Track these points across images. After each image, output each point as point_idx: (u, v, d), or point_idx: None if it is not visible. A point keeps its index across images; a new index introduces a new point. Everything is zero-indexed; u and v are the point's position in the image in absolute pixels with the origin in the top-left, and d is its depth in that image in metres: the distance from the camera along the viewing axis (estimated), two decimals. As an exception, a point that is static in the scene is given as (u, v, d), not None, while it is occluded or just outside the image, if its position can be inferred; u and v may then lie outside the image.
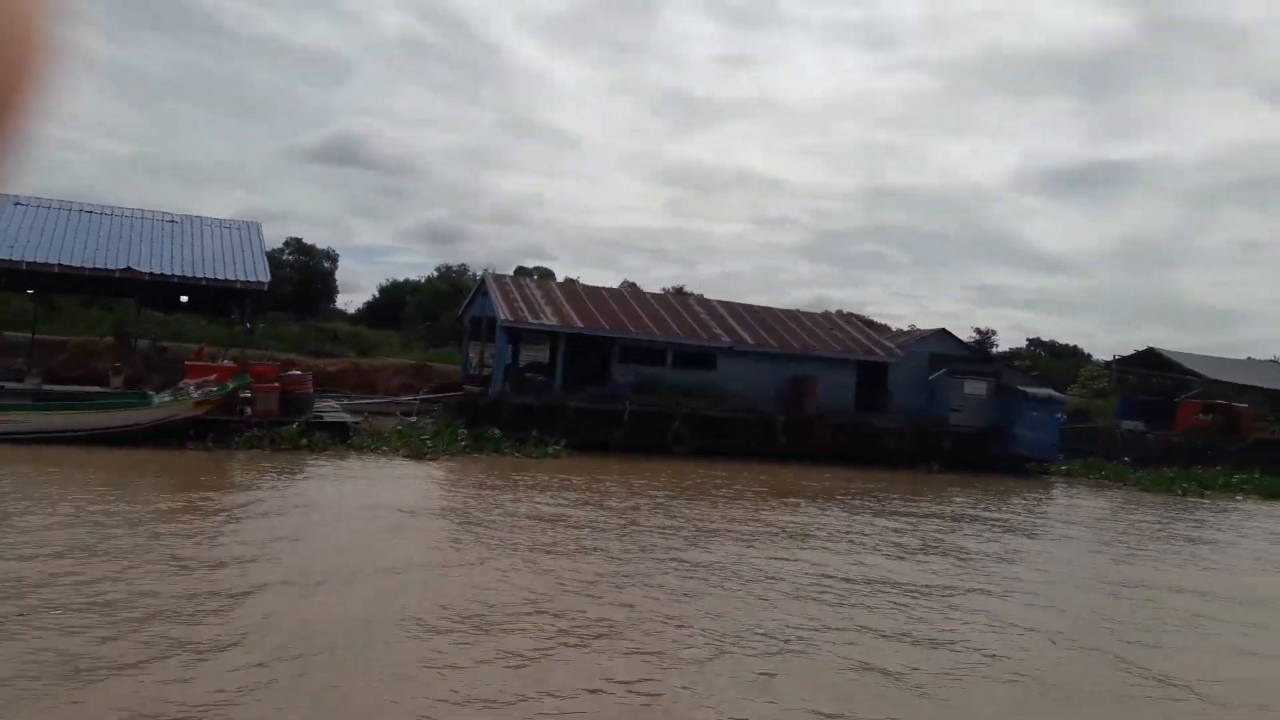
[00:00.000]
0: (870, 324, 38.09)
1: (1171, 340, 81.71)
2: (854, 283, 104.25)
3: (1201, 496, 24.12)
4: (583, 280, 37.35)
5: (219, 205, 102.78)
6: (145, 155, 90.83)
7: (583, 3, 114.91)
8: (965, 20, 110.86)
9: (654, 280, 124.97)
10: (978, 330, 66.55)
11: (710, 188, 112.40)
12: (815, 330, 26.65)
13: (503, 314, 22.50)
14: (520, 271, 46.10)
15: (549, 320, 22.83)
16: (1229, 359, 36.24)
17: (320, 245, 53.84)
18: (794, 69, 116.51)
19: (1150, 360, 34.68)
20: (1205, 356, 34.83)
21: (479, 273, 36.81)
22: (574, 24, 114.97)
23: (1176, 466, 29.44)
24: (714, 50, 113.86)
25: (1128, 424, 32.63)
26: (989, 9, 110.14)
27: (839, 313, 31.38)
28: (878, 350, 26.17)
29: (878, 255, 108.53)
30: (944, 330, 28.34)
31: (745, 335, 24.90)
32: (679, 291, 26.17)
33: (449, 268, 54.62)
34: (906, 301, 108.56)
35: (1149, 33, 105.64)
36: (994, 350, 56.83)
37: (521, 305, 23.02)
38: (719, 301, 27.20)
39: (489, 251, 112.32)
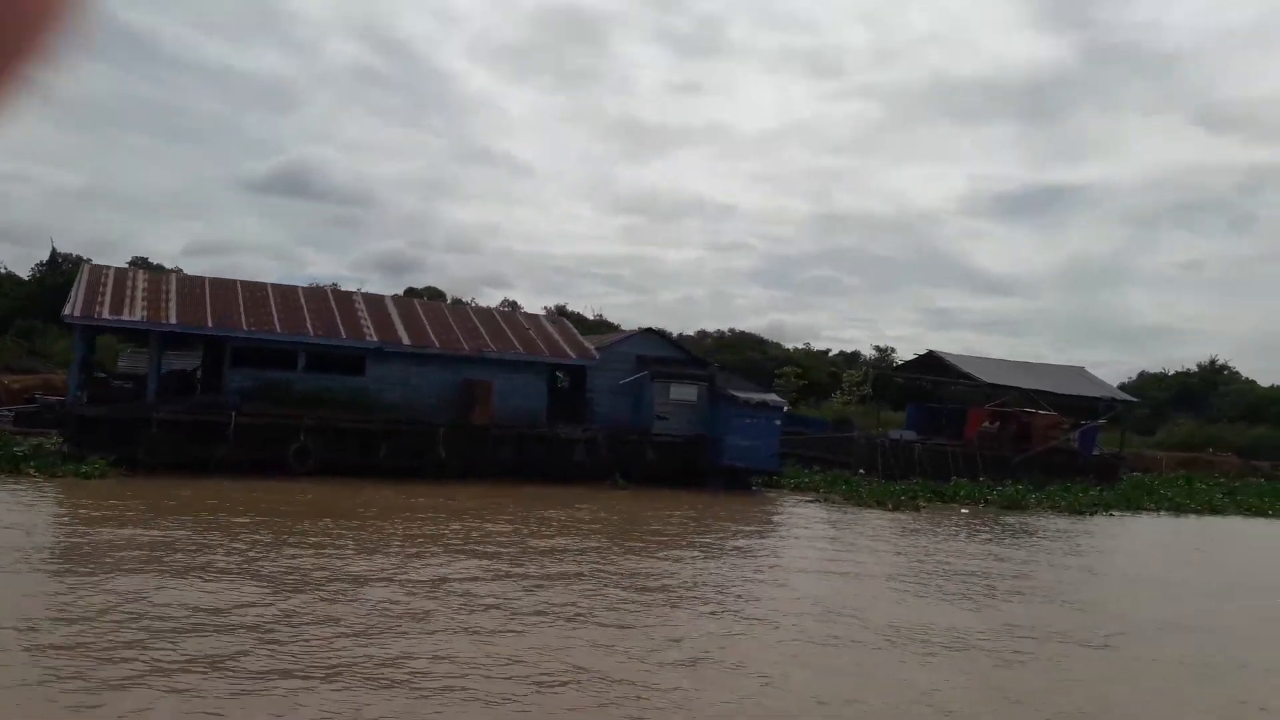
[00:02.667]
0: (586, 324, 35.70)
1: (1116, 360, 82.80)
2: (807, 307, 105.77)
3: (917, 509, 21.84)
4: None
5: (168, 237, 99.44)
6: (93, 186, 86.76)
7: (532, 31, 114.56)
8: (910, 47, 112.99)
9: (612, 307, 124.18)
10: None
11: (664, 214, 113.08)
12: (503, 329, 23.88)
13: (73, 308, 19.23)
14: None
15: (134, 315, 19.62)
16: (1020, 362, 34.64)
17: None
18: (743, 96, 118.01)
19: (931, 364, 32.79)
20: (986, 359, 33.11)
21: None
22: (524, 52, 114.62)
23: (959, 477, 27.53)
24: (664, 78, 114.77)
25: (898, 434, 30.57)
26: (933, 36, 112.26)
27: (548, 311, 28.68)
28: (570, 352, 23.49)
29: (830, 279, 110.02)
30: (651, 330, 25.97)
31: (402, 334, 22.02)
32: (336, 288, 23.11)
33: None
34: (859, 325, 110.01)
35: (1087, 59, 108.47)
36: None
37: (104, 298, 19.79)
38: (391, 298, 24.39)
39: (447, 280, 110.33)
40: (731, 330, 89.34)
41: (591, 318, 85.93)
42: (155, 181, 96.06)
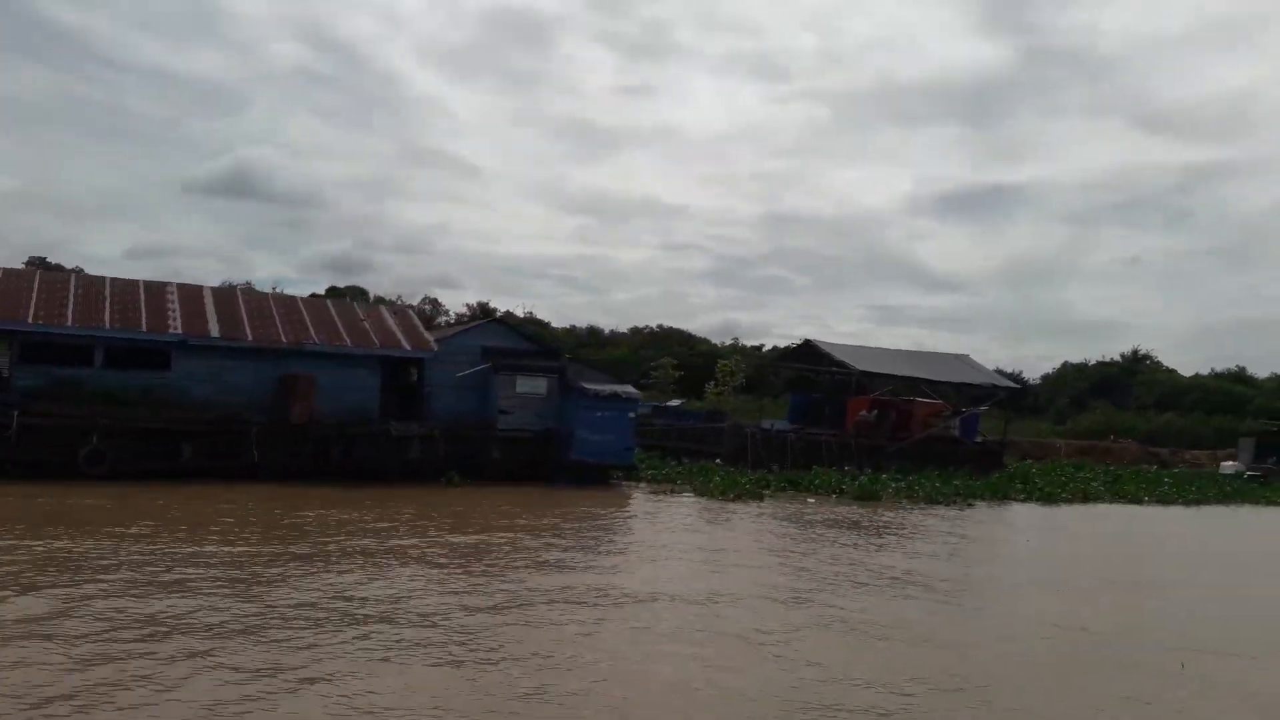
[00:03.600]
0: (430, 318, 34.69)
1: (1059, 354, 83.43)
2: (759, 306, 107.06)
3: (760, 499, 21.12)
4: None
5: (107, 241, 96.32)
6: (28, 190, 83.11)
7: (478, 33, 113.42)
8: (855, 51, 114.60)
9: (565, 307, 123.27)
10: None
11: (616, 215, 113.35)
12: (333, 320, 22.68)
13: None
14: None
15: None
16: (902, 350, 34.32)
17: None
18: (692, 99, 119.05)
19: (809, 354, 32.28)
20: (866, 348, 32.72)
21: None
22: (471, 54, 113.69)
23: (833, 467, 27.06)
24: (613, 80, 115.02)
25: (770, 424, 30.01)
26: (878, 40, 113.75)
27: (388, 301, 27.52)
28: (405, 343, 22.39)
29: (780, 279, 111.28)
30: (498, 319, 25.01)
31: (213, 326, 20.73)
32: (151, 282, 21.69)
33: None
34: (810, 323, 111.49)
35: (1027, 63, 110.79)
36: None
37: None
38: (212, 288, 23.04)
39: (394, 281, 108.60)
40: (661, 326, 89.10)
41: (521, 314, 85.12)
42: (94, 184, 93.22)
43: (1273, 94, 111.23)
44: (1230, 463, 38.02)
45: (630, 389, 23.92)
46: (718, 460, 27.10)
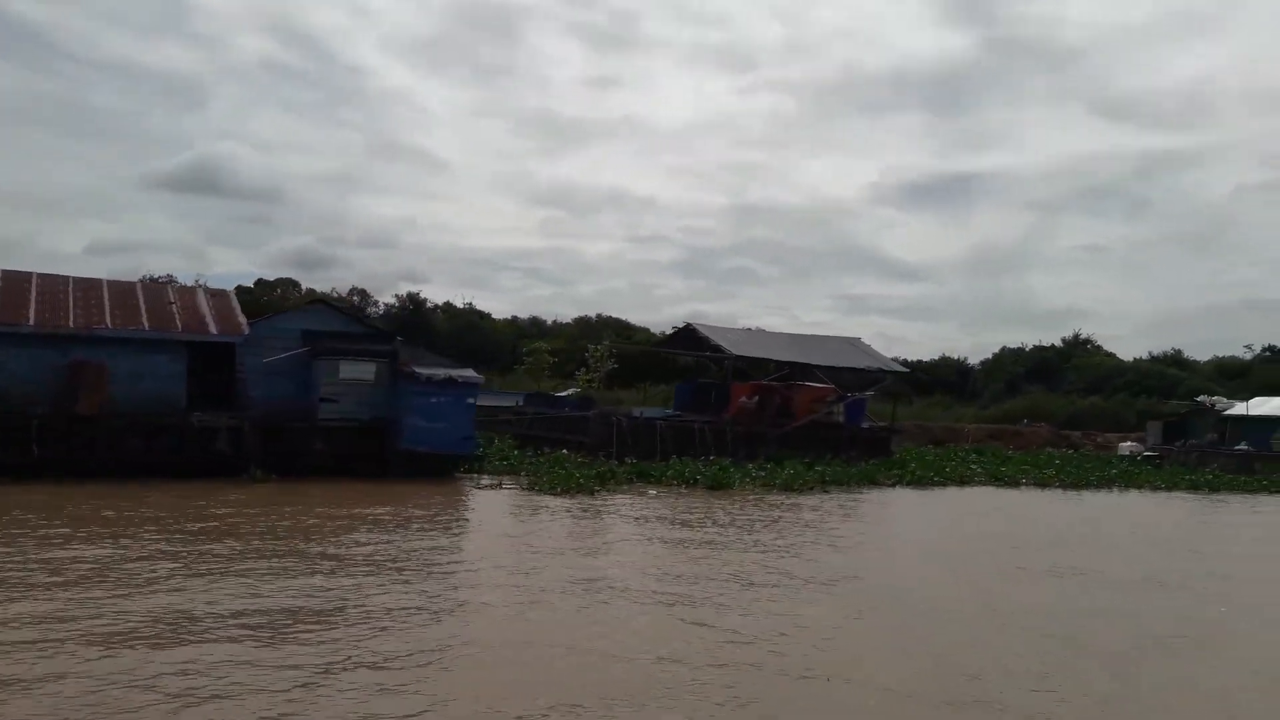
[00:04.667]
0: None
1: (1023, 342, 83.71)
2: (727, 297, 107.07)
3: (592, 494, 19.97)
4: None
5: (70, 237, 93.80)
6: None
7: (445, 25, 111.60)
8: (821, 41, 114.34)
9: (533, 300, 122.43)
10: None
11: (583, 208, 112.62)
12: (135, 303, 21.16)
13: None
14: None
15: None
16: (789, 334, 33.42)
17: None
18: (659, 90, 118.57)
19: (689, 339, 31.23)
20: (750, 331, 31.78)
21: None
22: (437, 46, 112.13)
23: (711, 455, 26.09)
24: (580, 72, 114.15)
25: (639, 411, 28.94)
26: (843, 30, 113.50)
27: (202, 284, 26.02)
28: (212, 327, 20.94)
29: (748, 270, 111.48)
30: (322, 301, 23.58)
31: (-13, 309, 19.14)
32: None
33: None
34: (778, 314, 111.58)
35: (991, 52, 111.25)
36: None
37: None
38: (2, 271, 21.28)
39: (360, 276, 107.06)
40: (599, 315, 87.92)
41: (461, 305, 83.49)
42: (55, 179, 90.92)
43: (1231, 82, 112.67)
44: (1128, 445, 37.61)
45: (470, 373, 22.66)
46: (588, 450, 25.95)
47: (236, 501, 16.30)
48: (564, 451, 24.76)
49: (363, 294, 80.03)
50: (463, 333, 74.68)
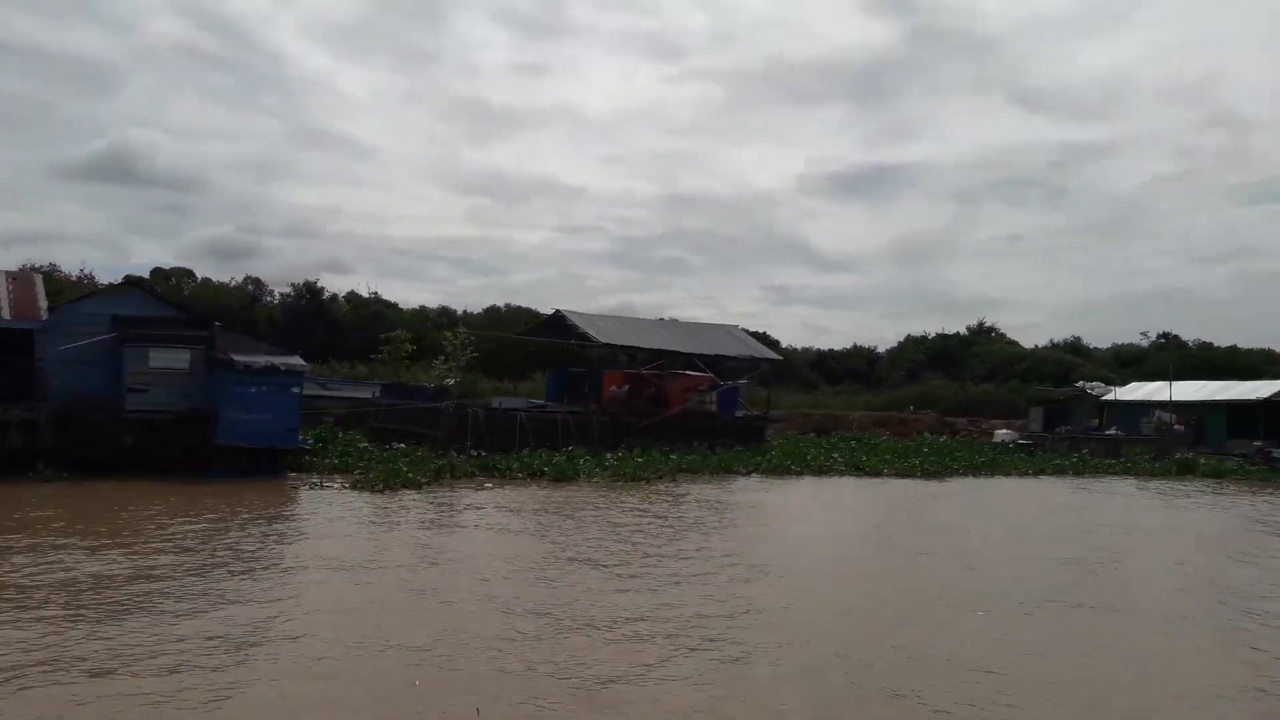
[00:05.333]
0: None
1: (944, 329, 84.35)
2: (657, 287, 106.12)
3: (419, 488, 18.96)
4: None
5: None
6: None
7: (368, 10, 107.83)
8: (748, 31, 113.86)
9: (463, 291, 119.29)
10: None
11: (513, 196, 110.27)
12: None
13: None
14: None
15: None
16: (664, 321, 32.84)
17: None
18: (588, 78, 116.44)
19: (558, 326, 30.37)
20: (623, 319, 31.09)
21: None
22: (360, 31, 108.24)
23: (575, 446, 25.22)
24: (508, 59, 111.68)
25: (498, 402, 28.00)
26: (769, 19, 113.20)
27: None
28: (4, 311, 19.30)
29: (678, 260, 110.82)
30: (133, 282, 22.09)
31: None
32: None
33: None
34: (707, 304, 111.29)
35: (912, 43, 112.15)
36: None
37: None
38: None
39: (282, 266, 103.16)
40: (509, 305, 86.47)
41: (366, 294, 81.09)
42: None
43: (1145, 74, 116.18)
44: (1003, 432, 38.06)
45: (296, 361, 21.40)
46: (443, 444, 24.88)
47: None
48: (402, 445, 23.64)
49: (257, 283, 77.36)
50: (368, 323, 72.66)
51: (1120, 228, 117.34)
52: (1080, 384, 44.39)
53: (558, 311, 29.98)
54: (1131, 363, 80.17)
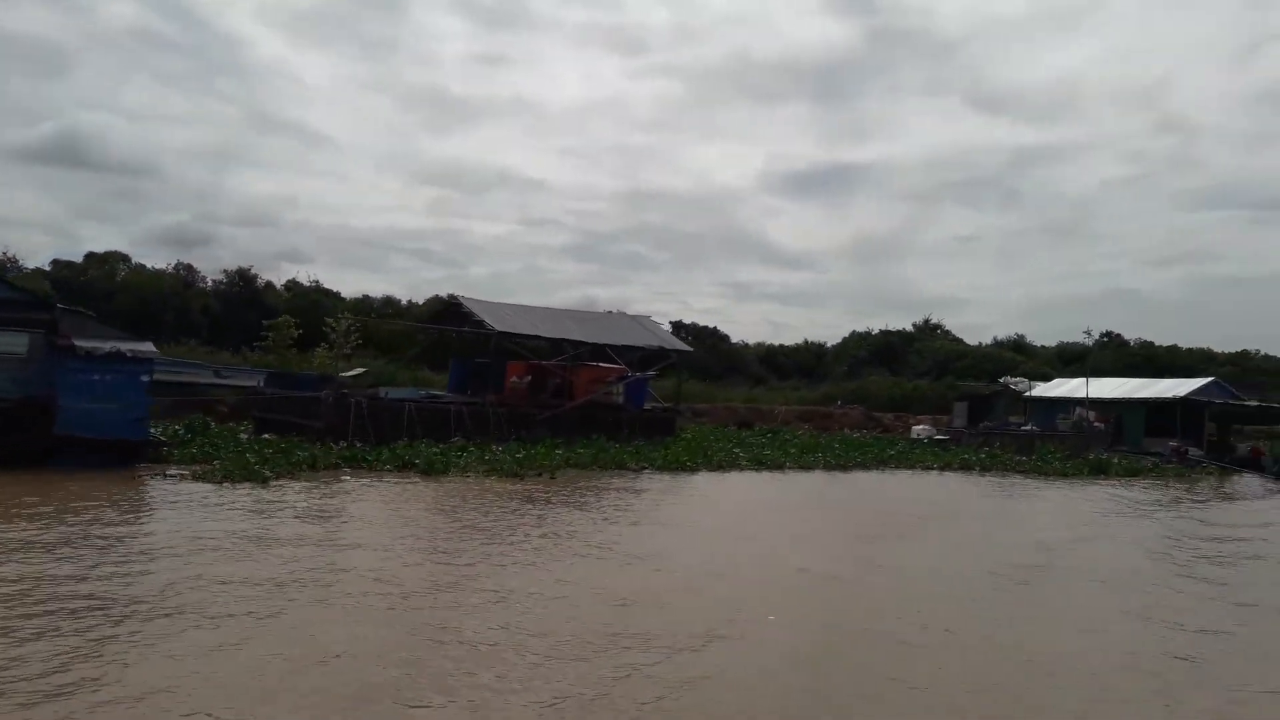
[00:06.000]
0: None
1: (892, 326, 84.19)
2: (619, 281, 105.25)
3: (264, 482, 17.78)
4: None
5: None
6: None
7: None
8: (710, 27, 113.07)
9: (422, 283, 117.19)
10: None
11: (473, 188, 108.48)
12: None
13: None
14: None
15: None
16: (568, 310, 31.81)
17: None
18: (549, 71, 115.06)
19: (456, 314, 29.24)
20: (519, 306, 29.98)
21: None
22: (319, 18, 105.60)
23: (458, 439, 24.18)
24: (468, 49, 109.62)
25: (384, 392, 26.83)
26: (731, 16, 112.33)
27: None
28: None
29: (639, 255, 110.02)
30: None
31: None
32: None
33: None
34: (668, 299, 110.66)
35: (872, 43, 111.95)
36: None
37: None
38: None
39: (238, 255, 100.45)
40: (452, 295, 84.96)
41: (307, 283, 79.12)
42: None
43: (1097, 77, 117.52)
44: (920, 427, 37.61)
45: (145, 347, 20.20)
46: (323, 435, 23.68)
47: None
48: (269, 436, 22.43)
49: (189, 268, 75.32)
50: (305, 312, 71.16)
51: (1073, 229, 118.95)
52: (1004, 380, 44.12)
53: (454, 298, 28.84)
54: (1073, 360, 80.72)
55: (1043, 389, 40.41)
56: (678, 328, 78.84)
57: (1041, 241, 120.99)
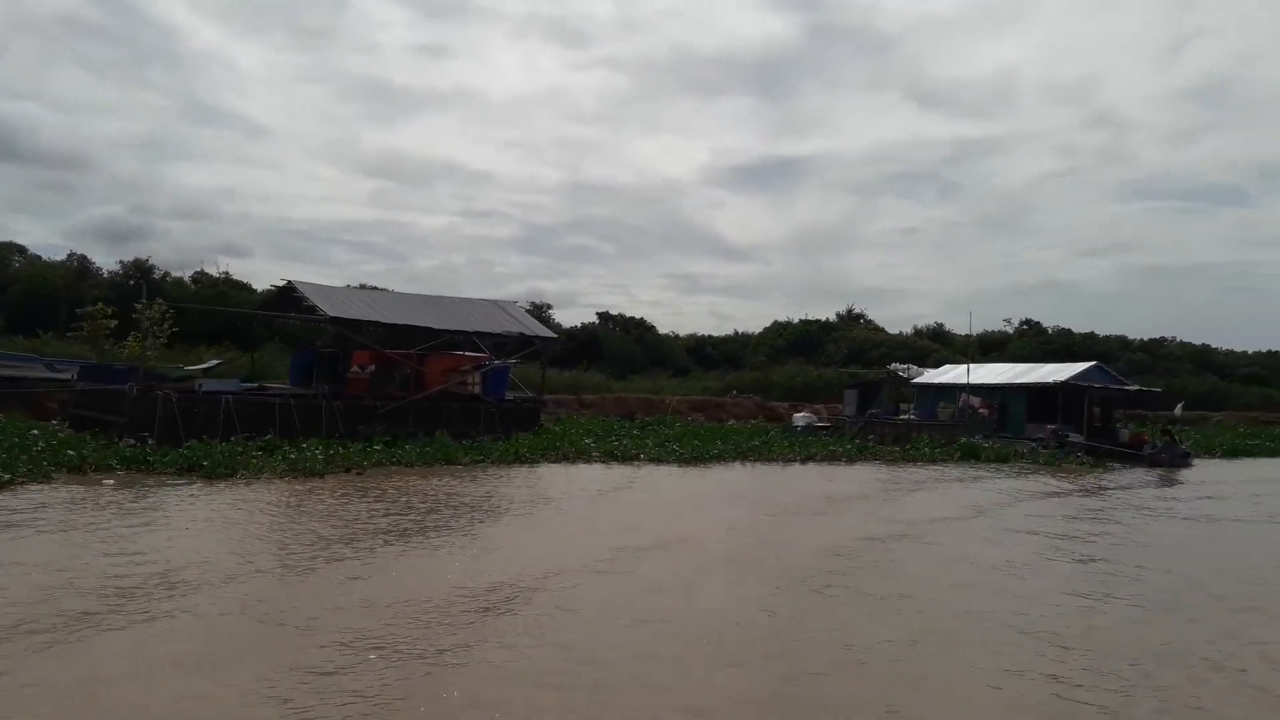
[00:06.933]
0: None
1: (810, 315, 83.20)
2: (565, 274, 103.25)
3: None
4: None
5: None
6: None
7: None
8: (652, 19, 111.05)
9: (363, 276, 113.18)
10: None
11: (416, 179, 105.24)
12: None
13: None
14: None
15: None
16: (418, 296, 30.03)
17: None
18: (491, 62, 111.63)
19: (289, 299, 27.25)
20: (362, 291, 28.15)
21: None
22: (255, 6, 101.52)
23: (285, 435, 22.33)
24: (409, 39, 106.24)
25: (200, 383, 24.77)
26: (673, 9, 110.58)
27: None
28: None
29: (585, 247, 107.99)
30: None
31: None
32: None
33: None
34: (615, 291, 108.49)
35: (812, 37, 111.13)
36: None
37: None
38: None
39: (174, 249, 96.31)
40: (363, 285, 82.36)
41: (217, 275, 75.84)
42: None
43: (1032, 73, 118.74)
44: (801, 415, 36.55)
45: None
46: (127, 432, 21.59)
47: None
48: (41, 431, 20.32)
49: (82, 259, 71.79)
50: (212, 304, 68.42)
51: (1008, 222, 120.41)
52: (892, 366, 43.36)
53: (289, 283, 26.86)
54: (993, 349, 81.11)
55: (930, 375, 39.65)
56: (605, 319, 77.44)
57: (978, 233, 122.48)
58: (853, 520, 16.36)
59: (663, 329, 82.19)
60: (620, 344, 69.73)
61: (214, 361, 33.45)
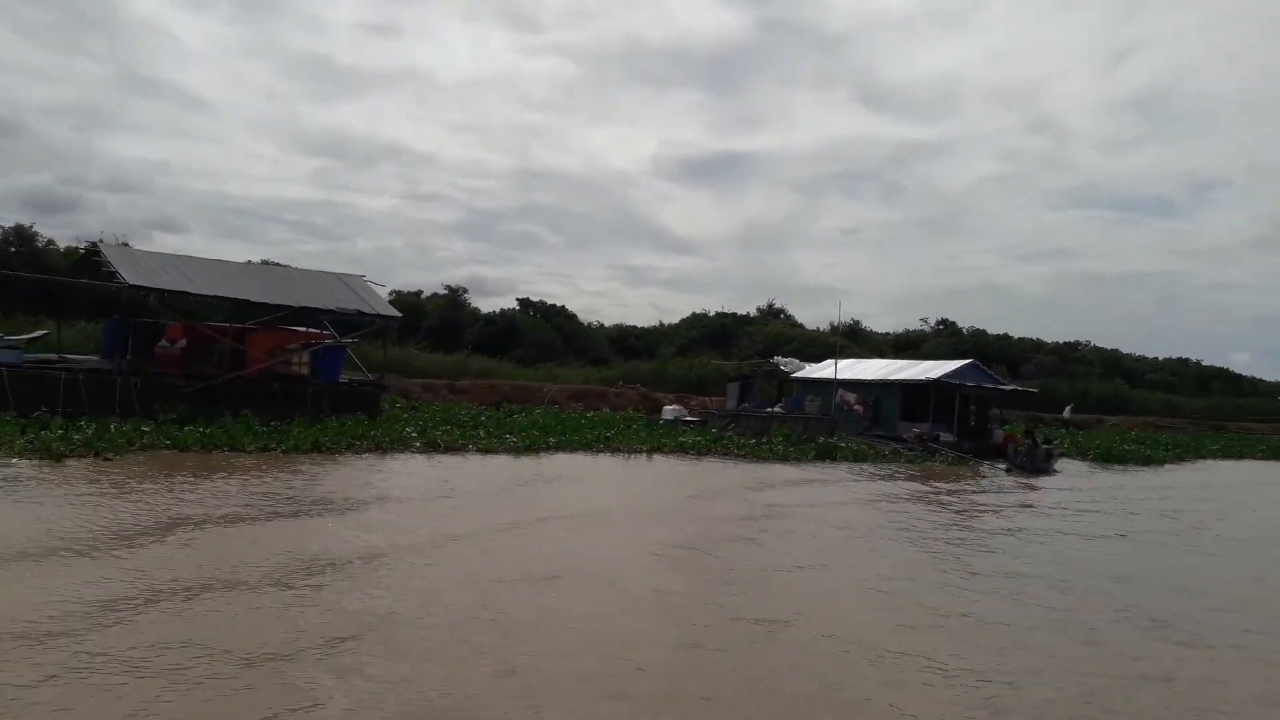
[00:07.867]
0: None
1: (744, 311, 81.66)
2: (509, 261, 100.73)
3: None
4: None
5: None
6: None
7: None
8: (605, 7, 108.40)
9: (302, 256, 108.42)
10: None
11: (359, 159, 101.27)
12: None
13: None
14: None
15: None
16: (245, 265, 27.97)
17: None
18: (441, 43, 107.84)
19: (93, 264, 24.92)
20: (174, 257, 25.85)
21: None
22: None
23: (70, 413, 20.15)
24: (356, 17, 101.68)
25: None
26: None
27: None
28: None
29: (530, 235, 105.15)
30: None
31: None
32: None
33: None
34: (558, 281, 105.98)
35: (763, 32, 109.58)
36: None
37: None
38: None
39: (106, 222, 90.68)
40: (266, 260, 78.99)
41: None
42: None
43: (976, 77, 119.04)
44: (671, 408, 35.18)
45: None
46: None
47: None
48: None
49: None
50: (89, 273, 64.74)
51: (949, 224, 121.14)
52: (775, 359, 42.31)
53: (93, 245, 24.55)
54: (908, 347, 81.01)
55: (809, 370, 38.61)
56: (525, 304, 75.23)
57: (919, 235, 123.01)
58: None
59: (608, 321, 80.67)
60: (539, 331, 67.92)
61: (40, 332, 30.86)
